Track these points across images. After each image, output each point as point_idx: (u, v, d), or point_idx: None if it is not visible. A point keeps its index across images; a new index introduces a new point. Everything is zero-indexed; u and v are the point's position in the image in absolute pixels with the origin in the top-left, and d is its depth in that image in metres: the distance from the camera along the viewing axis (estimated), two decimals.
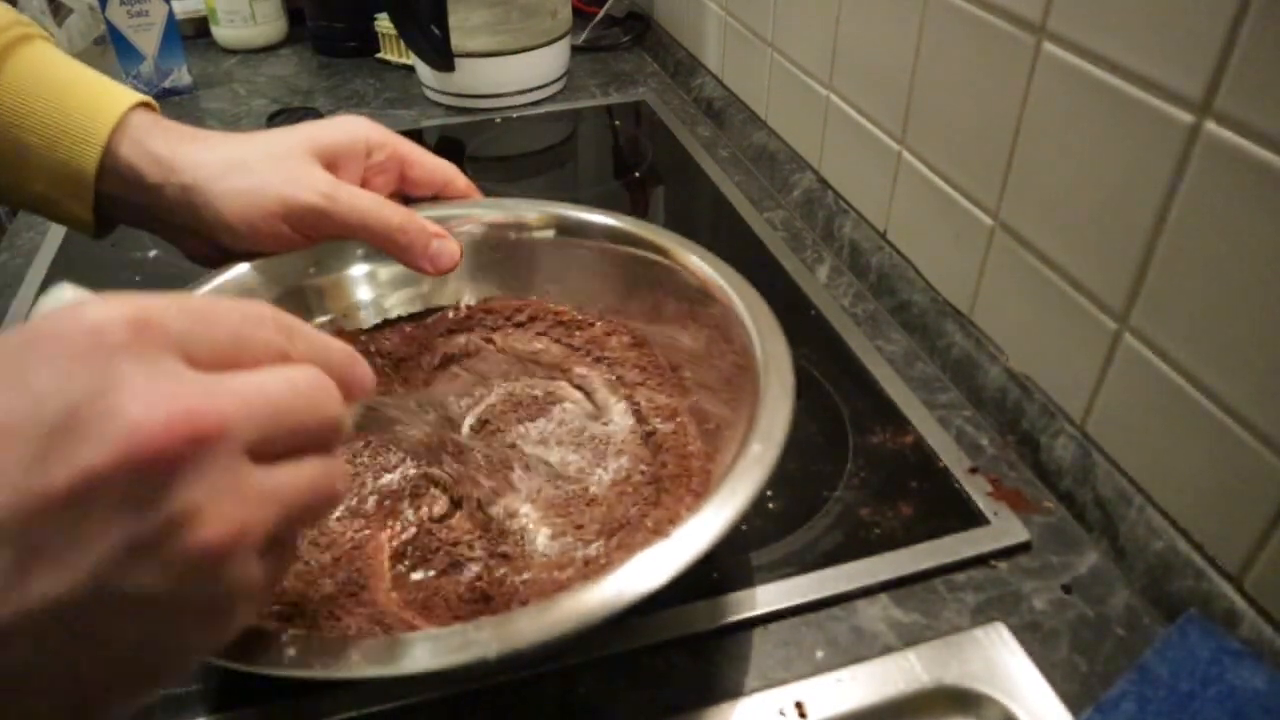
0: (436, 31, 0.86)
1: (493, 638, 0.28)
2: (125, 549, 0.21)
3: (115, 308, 0.22)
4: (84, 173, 0.44)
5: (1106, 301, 0.44)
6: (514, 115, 0.91)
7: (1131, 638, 0.41)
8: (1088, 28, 0.42)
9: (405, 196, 0.50)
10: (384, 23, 0.99)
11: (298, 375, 0.25)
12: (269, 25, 1.06)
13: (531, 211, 0.51)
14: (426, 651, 0.28)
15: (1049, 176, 0.47)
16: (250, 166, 0.44)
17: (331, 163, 0.46)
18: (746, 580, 0.43)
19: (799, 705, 0.38)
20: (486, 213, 0.51)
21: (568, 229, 0.51)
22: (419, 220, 0.46)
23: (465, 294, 0.52)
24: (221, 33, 1.05)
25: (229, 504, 0.22)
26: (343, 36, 1.04)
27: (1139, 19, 0.39)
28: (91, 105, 0.44)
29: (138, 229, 0.48)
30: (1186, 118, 0.38)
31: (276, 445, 0.24)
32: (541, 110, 0.93)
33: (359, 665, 0.28)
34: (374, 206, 0.45)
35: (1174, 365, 0.41)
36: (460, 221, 0.50)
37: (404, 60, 1.00)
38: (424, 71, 0.92)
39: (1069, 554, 0.45)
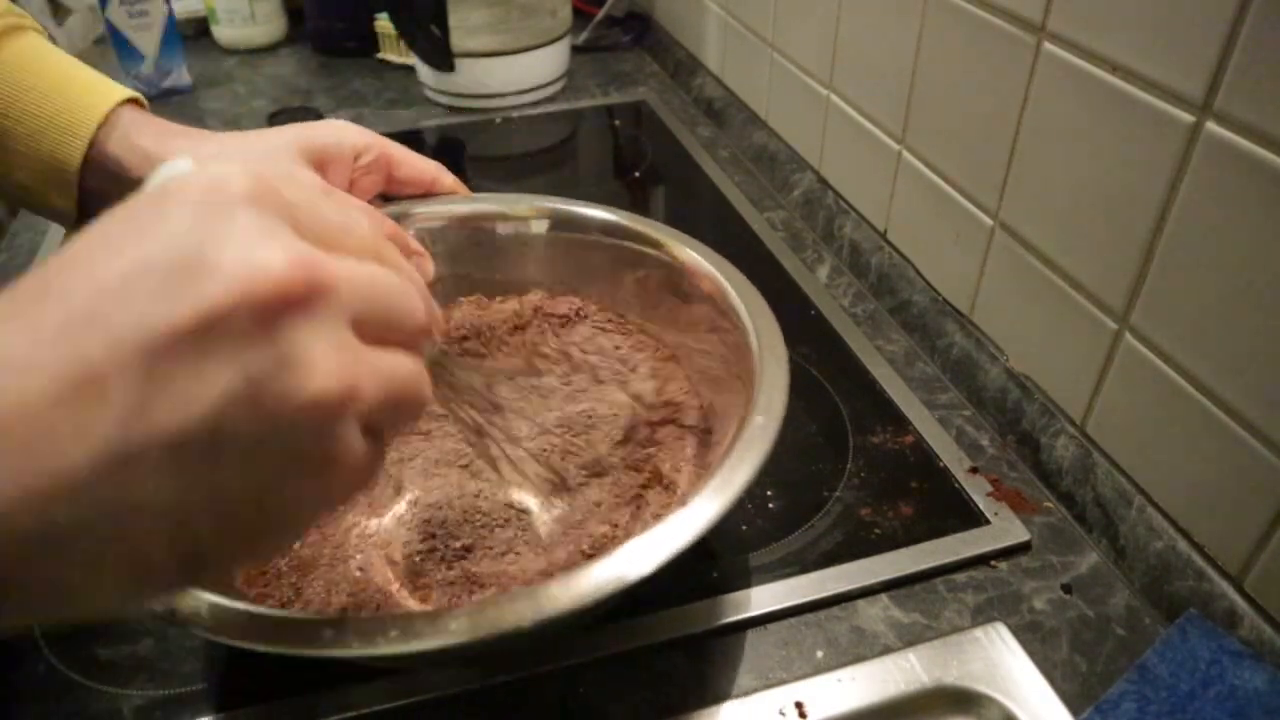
0: (436, 31, 0.86)
1: (527, 608, 0.29)
2: (243, 386, 0.21)
3: (235, 168, 0.24)
4: (68, 165, 0.44)
5: (1106, 302, 0.44)
6: (514, 115, 0.91)
7: (1131, 638, 0.41)
8: (1088, 28, 0.42)
9: (388, 196, 0.51)
10: (384, 22, 0.99)
11: (395, 275, 0.26)
12: (269, 25, 1.06)
13: (521, 205, 0.52)
14: (464, 626, 0.29)
15: (1049, 176, 0.47)
16: (242, 166, 0.44)
17: (320, 164, 0.46)
18: (746, 580, 0.43)
19: (799, 705, 0.38)
20: (475, 206, 0.52)
21: (556, 222, 0.51)
22: (404, 235, 0.46)
23: (461, 286, 0.52)
24: (221, 32, 1.05)
25: (339, 360, 0.23)
26: (343, 36, 1.04)
27: (1139, 19, 0.39)
28: (80, 99, 0.44)
29: None
30: (1187, 118, 0.38)
31: (375, 329, 0.25)
32: (541, 110, 0.93)
33: (397, 641, 0.28)
34: None
35: (1174, 365, 0.41)
36: (443, 217, 0.51)
37: (404, 60, 1.00)
38: (424, 71, 0.92)
39: (1069, 554, 0.45)
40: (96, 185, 0.45)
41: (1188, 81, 0.38)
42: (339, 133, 0.48)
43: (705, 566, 0.43)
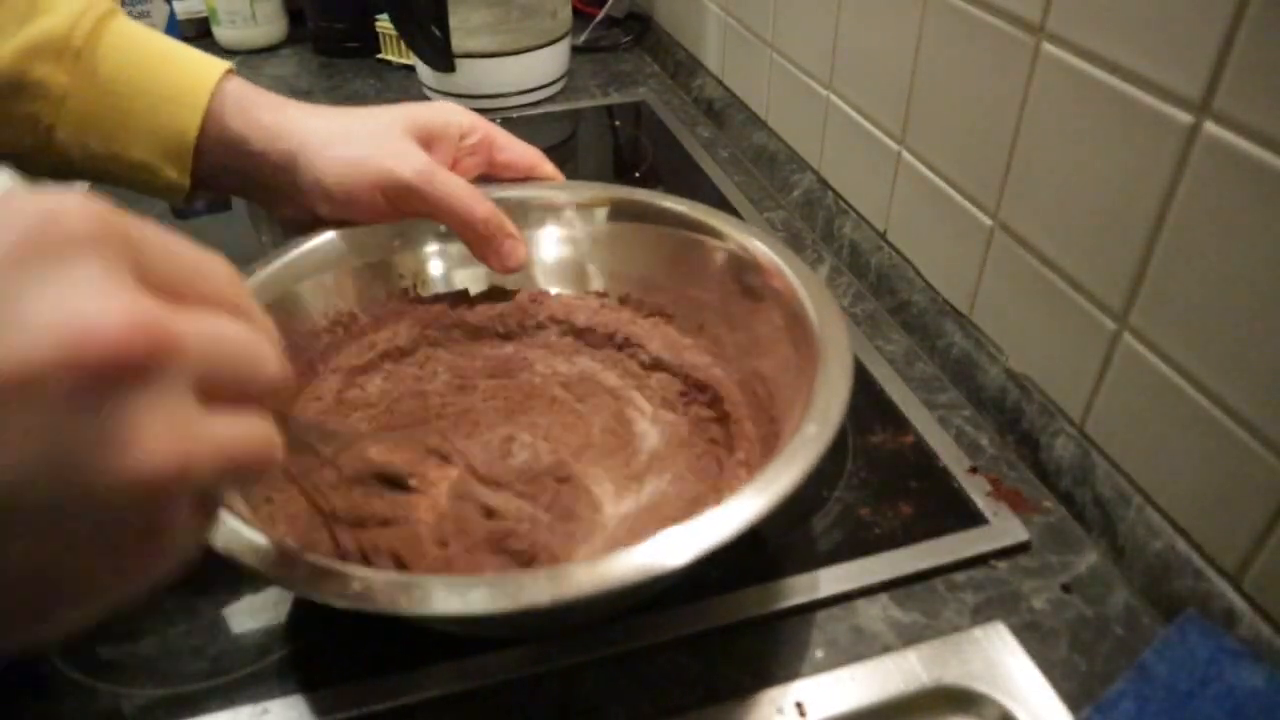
0: (437, 32, 0.86)
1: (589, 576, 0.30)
2: (49, 458, 0.19)
3: (74, 198, 0.20)
4: (185, 136, 0.46)
5: (1106, 301, 0.44)
6: (514, 115, 0.91)
7: (1130, 637, 0.41)
8: (1087, 28, 0.42)
9: (489, 178, 0.52)
10: (384, 23, 0.99)
11: (247, 330, 0.24)
12: (270, 26, 1.06)
13: (587, 193, 0.53)
14: (543, 590, 0.29)
15: (1048, 176, 0.47)
16: (354, 138, 0.47)
17: (426, 142, 0.48)
18: (745, 580, 0.43)
19: (799, 705, 0.38)
20: (553, 194, 0.53)
21: (623, 212, 0.52)
22: (501, 217, 0.48)
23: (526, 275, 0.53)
24: (222, 33, 1.05)
25: (175, 433, 0.20)
26: (343, 37, 1.04)
27: (1138, 19, 0.39)
28: (186, 71, 0.47)
29: (230, 194, 0.51)
30: (1185, 118, 0.38)
31: (219, 391, 0.22)
32: (541, 110, 0.93)
33: (485, 600, 0.29)
34: (465, 195, 0.47)
35: (1173, 365, 0.41)
36: (529, 203, 0.52)
37: (404, 60, 1.00)
38: (424, 72, 0.93)
39: (1068, 554, 0.45)
40: (216, 159, 0.47)
41: (1186, 82, 0.38)
42: (445, 113, 0.50)
43: (706, 563, 0.43)
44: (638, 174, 0.83)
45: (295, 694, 0.38)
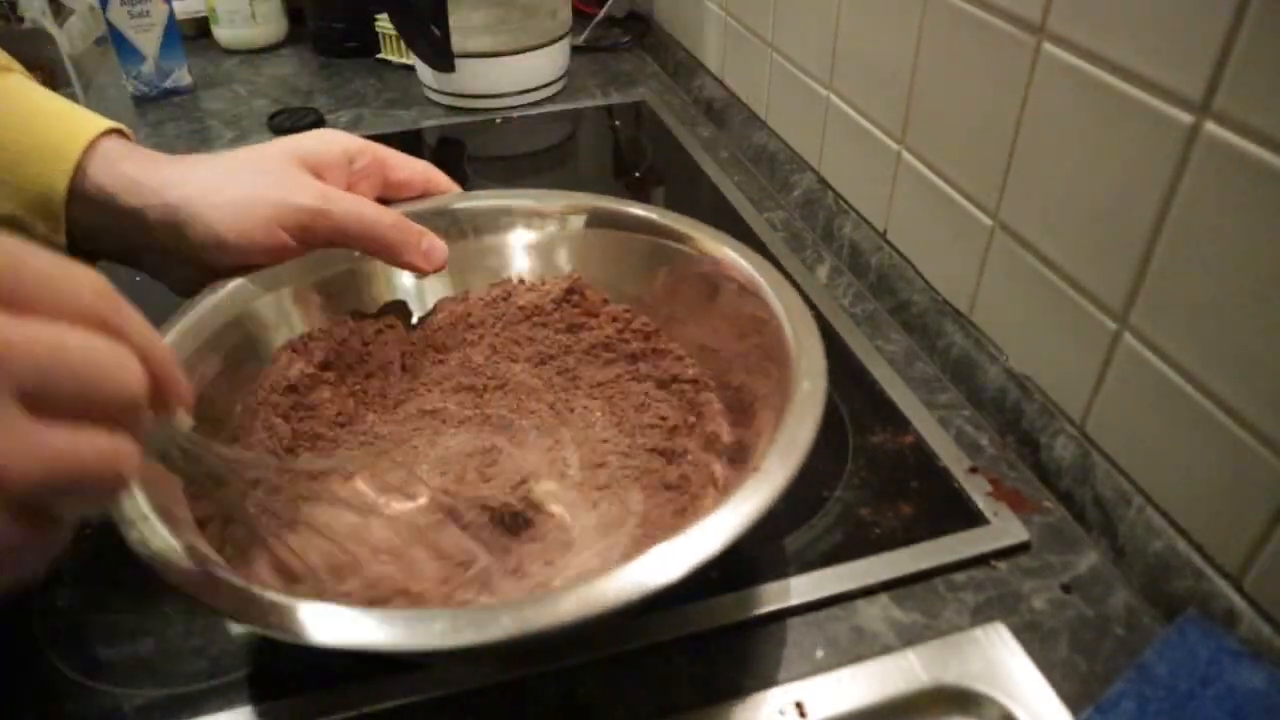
0: (436, 32, 0.86)
1: (625, 587, 0.30)
2: None
3: None
4: (53, 192, 0.42)
5: (1106, 301, 0.44)
6: (514, 115, 0.91)
7: (1131, 637, 0.41)
8: (1087, 28, 0.42)
9: (385, 201, 0.51)
10: (384, 23, 0.99)
11: (101, 341, 0.23)
12: (269, 25, 1.06)
13: (559, 202, 0.52)
14: (509, 622, 0.29)
15: (1049, 177, 0.47)
16: (239, 178, 0.44)
17: (316, 171, 0.46)
18: (746, 580, 0.43)
19: (799, 705, 0.38)
20: (508, 201, 0.52)
21: (598, 219, 0.51)
22: (407, 220, 0.47)
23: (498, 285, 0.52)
24: (222, 33, 1.06)
25: None
26: (343, 36, 1.04)
27: (1139, 19, 0.39)
28: (63, 128, 0.43)
29: (118, 263, 0.46)
30: (1186, 118, 0.38)
31: (58, 403, 0.22)
32: (541, 110, 0.93)
33: (447, 635, 0.28)
34: (369, 209, 0.46)
35: (1174, 365, 0.41)
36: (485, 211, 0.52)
37: (404, 60, 1.00)
38: (424, 71, 0.93)
39: (1068, 554, 0.45)
40: (88, 220, 0.44)
41: (1187, 82, 0.38)
42: (330, 140, 0.48)
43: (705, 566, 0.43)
44: (637, 174, 0.83)
45: (294, 694, 0.38)
